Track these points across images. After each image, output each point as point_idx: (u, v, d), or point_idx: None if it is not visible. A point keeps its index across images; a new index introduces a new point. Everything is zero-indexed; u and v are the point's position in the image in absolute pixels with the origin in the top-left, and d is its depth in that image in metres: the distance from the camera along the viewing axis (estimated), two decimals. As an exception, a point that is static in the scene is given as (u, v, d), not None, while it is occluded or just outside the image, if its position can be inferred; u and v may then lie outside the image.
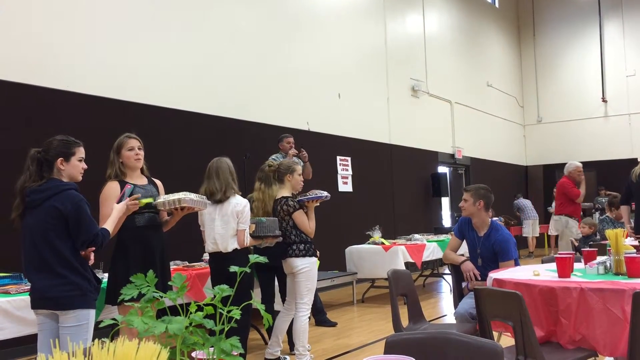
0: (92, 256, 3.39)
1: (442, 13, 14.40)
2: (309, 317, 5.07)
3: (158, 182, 4.10)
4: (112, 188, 3.80)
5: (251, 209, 5.18)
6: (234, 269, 1.24)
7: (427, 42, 13.40)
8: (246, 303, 1.38)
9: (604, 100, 16.95)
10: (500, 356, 1.86)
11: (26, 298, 3.63)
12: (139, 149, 3.91)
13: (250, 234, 4.50)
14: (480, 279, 4.36)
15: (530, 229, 14.85)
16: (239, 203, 4.44)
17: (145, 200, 3.72)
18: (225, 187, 4.46)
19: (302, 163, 7.05)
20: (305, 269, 4.82)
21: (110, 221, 3.49)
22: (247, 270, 1.24)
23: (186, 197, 3.85)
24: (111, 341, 0.92)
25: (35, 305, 3.28)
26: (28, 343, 4.28)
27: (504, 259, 4.34)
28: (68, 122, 6.05)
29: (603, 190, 14.23)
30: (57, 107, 6.13)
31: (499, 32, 17.37)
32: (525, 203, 15.12)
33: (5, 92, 5.74)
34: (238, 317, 1.13)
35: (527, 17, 18.42)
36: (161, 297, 1.18)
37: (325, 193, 4.88)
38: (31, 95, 5.94)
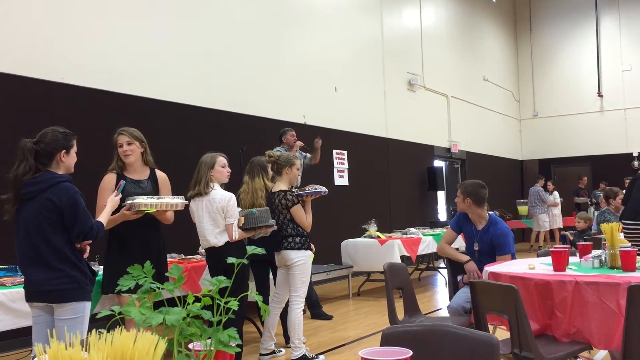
0: (87, 249, 3.39)
1: (438, 7, 14.38)
2: (304, 310, 5.08)
3: (161, 175, 4.08)
4: (108, 180, 3.85)
5: (239, 202, 5.19)
6: (231, 260, 1.24)
7: (424, 36, 13.39)
8: (243, 294, 1.38)
9: (599, 94, 16.97)
10: (496, 348, 1.86)
11: (22, 290, 3.62)
12: (128, 144, 3.88)
13: (240, 226, 4.48)
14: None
15: (549, 222, 14.14)
16: (223, 198, 4.42)
17: (144, 209, 3.75)
18: (200, 180, 4.44)
19: (306, 156, 7.06)
20: (301, 262, 4.83)
21: (104, 215, 3.49)
22: (245, 261, 1.23)
23: (159, 201, 3.80)
24: (108, 332, 0.92)
25: (30, 298, 3.27)
26: (23, 335, 4.28)
27: (501, 253, 4.35)
28: (64, 114, 6.02)
29: (603, 184, 14.20)
30: (52, 99, 6.10)
31: (495, 26, 17.37)
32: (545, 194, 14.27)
33: (1, 85, 5.71)
34: (236, 308, 1.13)
35: (523, 11, 18.41)
36: (158, 288, 1.18)
37: (323, 189, 4.87)
38: (26, 87, 5.90)
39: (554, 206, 14.35)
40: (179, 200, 3.88)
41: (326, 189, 4.91)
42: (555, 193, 14.50)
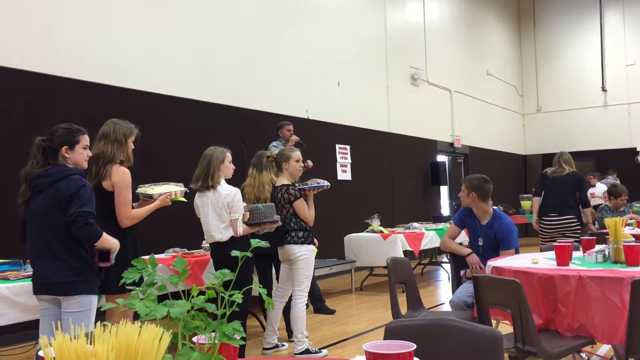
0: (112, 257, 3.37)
1: (442, 1, 14.33)
2: (307, 305, 5.08)
3: None
4: (130, 175, 3.79)
5: (243, 195, 5.19)
6: (235, 253, 1.24)
7: (427, 30, 13.35)
8: (248, 287, 1.38)
9: (603, 89, 16.92)
10: (500, 342, 1.86)
11: (25, 284, 3.63)
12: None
13: (245, 222, 4.48)
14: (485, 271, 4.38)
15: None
16: (229, 194, 4.42)
17: (180, 198, 3.83)
18: (212, 174, 4.45)
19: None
20: (304, 256, 4.83)
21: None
22: (249, 254, 1.23)
23: (171, 189, 3.96)
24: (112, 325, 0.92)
25: (37, 290, 3.28)
26: (27, 329, 4.30)
27: (505, 248, 4.35)
28: (67, 109, 6.03)
29: (612, 175, 14.02)
30: (56, 93, 6.11)
31: (499, 20, 17.30)
32: None
33: (5, 79, 5.71)
34: (240, 301, 1.13)
35: (527, 5, 18.34)
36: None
37: (326, 182, 4.87)
38: (30, 81, 5.91)
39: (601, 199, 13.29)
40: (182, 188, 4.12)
41: (329, 183, 4.91)
42: (600, 185, 13.33)
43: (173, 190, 3.97)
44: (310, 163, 6.70)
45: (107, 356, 0.84)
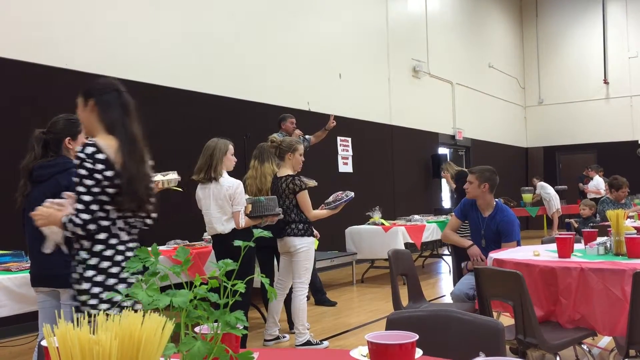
0: None
1: (444, -7, 14.28)
2: (308, 297, 5.09)
3: None
4: None
5: (245, 187, 5.19)
6: (238, 243, 1.24)
7: (429, 22, 13.30)
8: (250, 277, 1.38)
9: (605, 82, 16.87)
10: (501, 333, 1.86)
11: (27, 275, 3.62)
12: None
13: (247, 214, 4.48)
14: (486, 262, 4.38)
15: None
16: (231, 186, 4.42)
17: (172, 187, 3.84)
18: (215, 165, 4.44)
19: (305, 139, 7.03)
20: (304, 249, 4.82)
21: None
22: (252, 244, 1.23)
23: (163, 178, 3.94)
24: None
25: (36, 282, 3.27)
26: (28, 321, 4.30)
27: (507, 240, 4.34)
28: (67, 101, 6.01)
29: (601, 172, 14.07)
30: (56, 85, 6.10)
31: (501, 12, 17.23)
32: None
33: (4, 70, 5.70)
34: (243, 291, 1.13)
35: (529, -3, 18.28)
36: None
37: (351, 194, 4.98)
38: (30, 73, 5.90)
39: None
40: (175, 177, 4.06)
41: (352, 193, 5.02)
42: (597, 179, 13.03)
43: (160, 180, 3.96)
44: (333, 122, 7.29)
45: (111, 344, 0.84)
